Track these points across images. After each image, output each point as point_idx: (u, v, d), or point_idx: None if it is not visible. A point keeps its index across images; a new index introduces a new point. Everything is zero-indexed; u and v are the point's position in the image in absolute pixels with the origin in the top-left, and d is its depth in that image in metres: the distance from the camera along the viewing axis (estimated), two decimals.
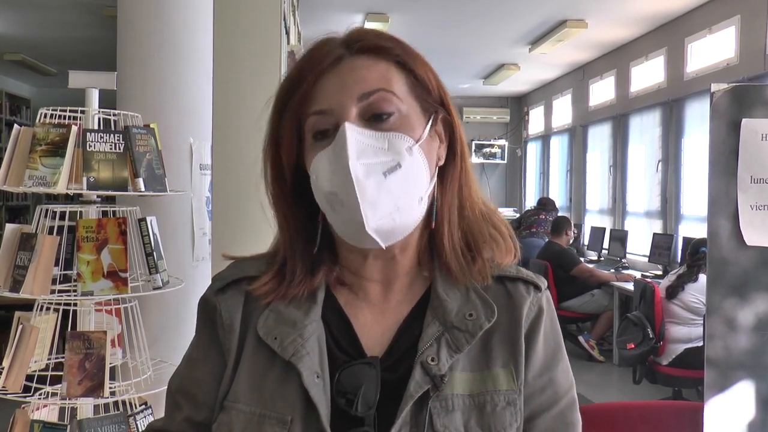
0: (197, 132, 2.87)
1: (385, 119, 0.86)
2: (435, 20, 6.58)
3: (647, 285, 4.81)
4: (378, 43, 0.89)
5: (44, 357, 2.26)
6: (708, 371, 1.97)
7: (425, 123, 0.89)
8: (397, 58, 0.89)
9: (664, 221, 6.63)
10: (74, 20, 6.54)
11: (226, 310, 0.93)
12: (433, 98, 0.91)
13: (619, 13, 6.32)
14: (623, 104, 7.59)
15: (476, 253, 0.93)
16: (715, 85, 1.95)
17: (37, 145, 2.16)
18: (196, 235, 2.85)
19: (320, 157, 0.86)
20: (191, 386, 0.94)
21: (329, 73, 0.87)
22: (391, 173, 0.83)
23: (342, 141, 0.83)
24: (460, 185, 0.94)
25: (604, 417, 2.23)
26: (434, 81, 0.91)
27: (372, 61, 0.88)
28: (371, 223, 0.82)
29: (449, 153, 0.93)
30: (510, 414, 0.87)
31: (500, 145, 11.19)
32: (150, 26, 2.81)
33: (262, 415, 0.86)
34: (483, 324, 0.89)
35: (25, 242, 2.19)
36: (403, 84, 0.89)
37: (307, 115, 0.88)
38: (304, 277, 0.92)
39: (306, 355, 0.87)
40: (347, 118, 0.85)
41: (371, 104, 0.86)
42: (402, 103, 0.88)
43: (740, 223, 1.93)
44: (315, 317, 0.90)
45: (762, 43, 5.22)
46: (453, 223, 0.93)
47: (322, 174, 0.85)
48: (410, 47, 0.91)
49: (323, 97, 0.87)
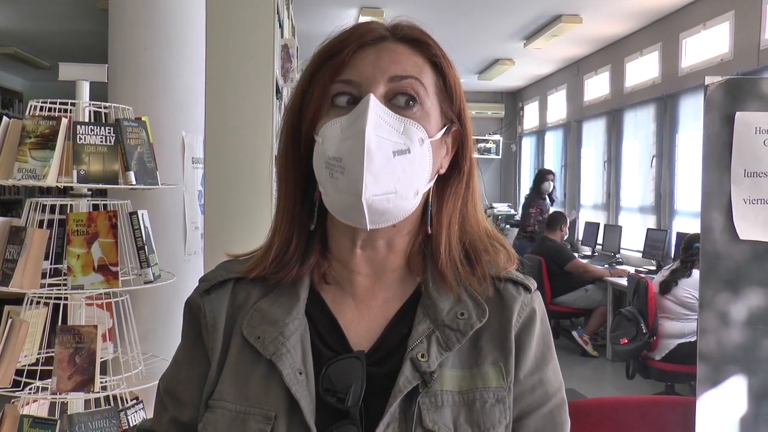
0: (189, 125, 2.85)
1: (410, 106, 0.88)
2: (429, 14, 6.57)
3: (641, 280, 4.81)
4: (421, 38, 0.92)
5: (34, 351, 2.25)
6: (700, 366, 1.97)
7: (441, 127, 0.91)
8: (434, 58, 0.92)
9: (658, 216, 6.64)
10: (68, 13, 6.51)
11: (210, 310, 0.94)
12: (454, 109, 0.93)
13: (613, 8, 6.32)
14: (618, 99, 7.59)
15: (476, 264, 0.94)
16: (708, 78, 1.94)
17: (26, 138, 2.14)
18: (188, 229, 2.84)
19: (333, 123, 0.86)
20: (176, 387, 0.95)
21: (369, 48, 0.89)
22: (399, 155, 0.85)
23: (363, 109, 0.84)
24: (464, 201, 0.95)
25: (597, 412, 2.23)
26: (459, 93, 0.94)
27: (411, 51, 0.91)
28: (368, 194, 0.82)
29: (454, 167, 0.95)
30: (499, 411, 0.87)
31: (495, 140, 11.19)
32: (142, 18, 2.79)
33: (247, 412, 0.86)
34: (474, 323, 0.89)
35: (14, 236, 2.17)
36: (433, 83, 0.91)
37: (336, 83, 0.89)
38: (295, 259, 0.92)
39: (287, 353, 0.87)
40: (374, 92, 0.86)
41: (400, 87, 0.88)
42: (427, 99, 0.90)
43: (733, 217, 1.93)
44: (297, 315, 0.90)
45: (756, 38, 5.23)
46: (453, 235, 0.93)
47: (330, 139, 0.86)
48: (447, 54, 0.94)
49: (356, 69, 0.88)
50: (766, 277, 1.95)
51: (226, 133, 3.36)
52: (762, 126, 1.92)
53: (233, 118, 3.40)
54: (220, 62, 3.34)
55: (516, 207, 10.90)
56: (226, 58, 3.42)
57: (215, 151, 3.26)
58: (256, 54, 3.50)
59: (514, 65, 8.82)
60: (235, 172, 3.39)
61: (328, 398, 0.85)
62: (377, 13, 6.34)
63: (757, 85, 1.94)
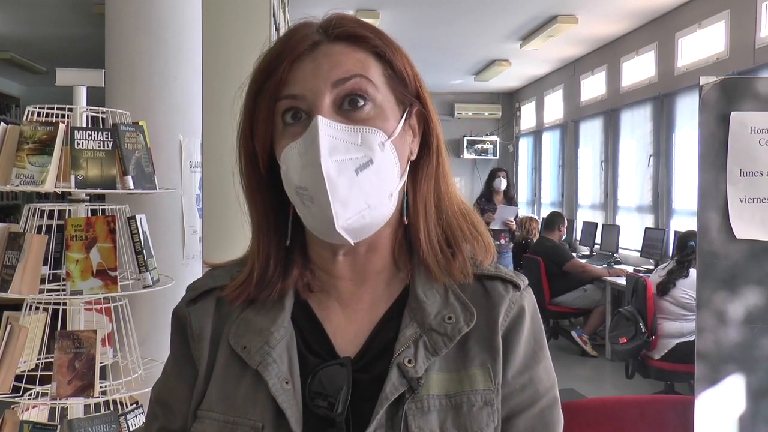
0: (187, 129, 2.85)
1: (360, 107, 0.84)
2: (426, 16, 6.57)
3: (639, 280, 4.82)
4: (357, 32, 0.87)
5: (33, 357, 2.25)
6: (699, 365, 1.97)
7: (399, 115, 0.88)
8: (375, 48, 0.87)
9: (655, 216, 6.64)
10: (64, 18, 6.50)
11: (196, 320, 0.93)
12: (410, 90, 0.89)
13: (609, 8, 6.33)
14: (614, 99, 7.60)
15: (456, 250, 0.92)
16: (704, 78, 1.95)
17: (24, 144, 2.14)
18: (186, 233, 2.84)
19: (291, 148, 0.84)
20: (166, 396, 0.95)
21: (305, 58, 0.85)
22: (362, 170, 0.82)
23: (313, 135, 0.81)
24: (437, 180, 0.92)
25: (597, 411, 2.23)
26: (411, 73, 0.89)
27: (350, 49, 0.86)
28: (341, 222, 0.81)
29: (423, 147, 0.91)
30: (487, 414, 0.86)
31: (492, 140, 11.19)
32: (138, 23, 2.79)
33: (235, 423, 0.86)
34: (462, 328, 0.87)
35: (12, 241, 2.17)
36: (380, 75, 0.87)
37: (280, 100, 0.86)
38: (277, 276, 0.91)
39: (273, 362, 0.86)
40: (321, 108, 0.83)
41: (347, 90, 0.84)
42: (378, 93, 0.85)
43: (730, 216, 1.93)
44: (283, 323, 0.89)
45: (751, 37, 5.24)
46: (430, 218, 0.91)
47: (292, 167, 0.83)
48: (389, 37, 0.89)
49: (298, 82, 0.85)
50: (763, 276, 1.95)
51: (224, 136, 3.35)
52: (757, 125, 1.92)
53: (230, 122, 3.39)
54: (216, 65, 3.34)
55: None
56: (223, 61, 3.43)
57: (213, 154, 3.26)
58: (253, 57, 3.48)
59: (510, 66, 8.82)
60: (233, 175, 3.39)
61: (315, 406, 0.84)
62: (373, 15, 6.35)
63: (751, 85, 1.95)
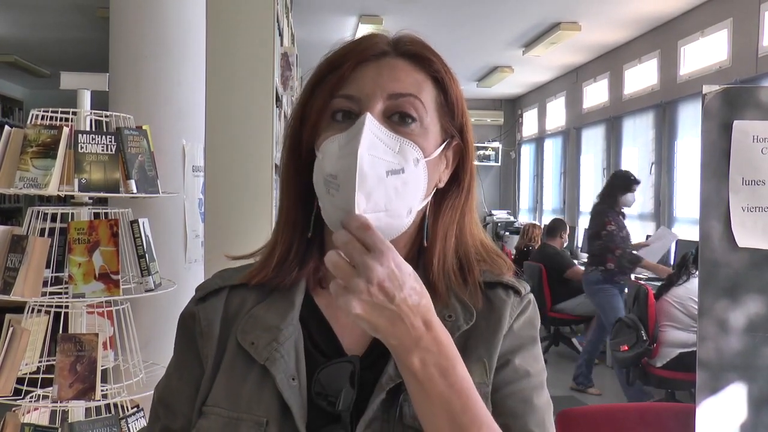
0: (190, 133, 2.86)
1: (408, 123, 0.88)
2: (428, 22, 6.59)
3: (641, 287, 4.81)
4: (423, 53, 0.92)
5: (35, 360, 2.25)
6: (700, 373, 1.97)
7: (440, 142, 0.92)
8: (435, 73, 0.92)
9: (657, 223, 6.64)
10: (68, 21, 6.52)
11: (205, 317, 0.95)
12: (455, 123, 0.94)
13: (612, 15, 6.34)
14: (617, 107, 7.61)
15: (468, 274, 0.94)
16: (706, 87, 1.96)
17: (28, 147, 2.15)
18: (188, 237, 2.84)
19: (332, 140, 0.87)
20: (169, 396, 0.96)
21: (369, 64, 0.90)
22: (392, 174, 0.84)
23: (359, 128, 0.84)
24: (462, 214, 0.96)
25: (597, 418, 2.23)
26: (461, 108, 0.94)
27: (411, 68, 0.91)
28: (359, 212, 0.82)
29: (453, 180, 0.95)
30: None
31: (494, 147, 11.21)
32: (143, 27, 2.80)
33: (239, 418, 0.87)
34: (461, 326, 0.90)
35: (15, 244, 2.18)
36: (433, 100, 0.91)
37: (336, 97, 0.90)
38: (294, 264, 0.94)
39: (281, 358, 0.88)
40: (372, 111, 0.86)
41: (399, 105, 0.88)
42: (426, 116, 0.90)
43: (732, 225, 1.93)
44: (292, 321, 0.91)
45: (754, 45, 5.24)
46: (448, 247, 0.94)
47: (328, 156, 0.86)
48: (450, 69, 0.94)
49: (356, 84, 0.89)
50: (765, 285, 1.95)
51: (227, 141, 3.37)
52: (759, 134, 1.93)
53: (233, 126, 3.41)
54: (220, 70, 3.35)
55: (515, 214, 10.91)
56: (227, 66, 3.44)
57: (216, 159, 3.27)
58: (256, 62, 3.52)
59: (513, 73, 8.83)
60: (236, 179, 3.40)
61: (320, 402, 0.86)
62: (376, 21, 6.36)
63: (754, 94, 1.96)
